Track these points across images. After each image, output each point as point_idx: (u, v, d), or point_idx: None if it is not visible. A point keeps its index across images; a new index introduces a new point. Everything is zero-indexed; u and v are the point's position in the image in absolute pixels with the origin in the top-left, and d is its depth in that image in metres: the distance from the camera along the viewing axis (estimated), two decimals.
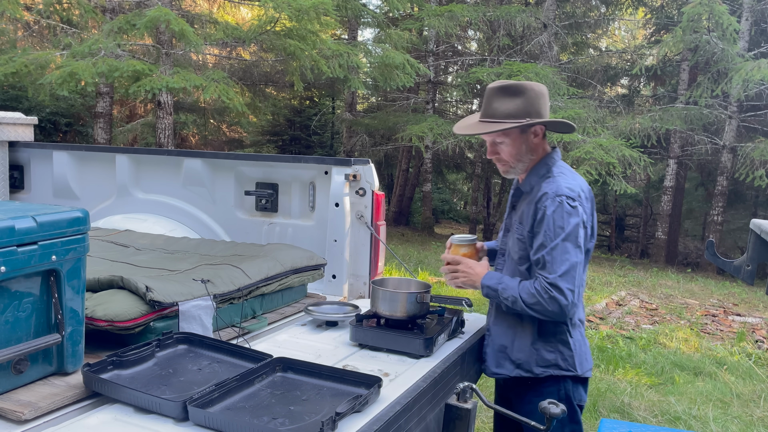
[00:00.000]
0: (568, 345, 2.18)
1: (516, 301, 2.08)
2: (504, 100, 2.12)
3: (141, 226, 3.33)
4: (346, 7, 11.27)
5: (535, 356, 2.17)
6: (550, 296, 2.01)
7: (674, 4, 15.14)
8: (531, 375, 2.18)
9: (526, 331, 2.19)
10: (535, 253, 2.09)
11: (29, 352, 1.61)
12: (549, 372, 2.17)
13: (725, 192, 13.33)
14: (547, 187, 2.11)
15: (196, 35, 8.41)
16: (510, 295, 2.10)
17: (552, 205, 2.05)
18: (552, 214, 2.04)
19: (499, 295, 2.14)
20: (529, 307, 2.06)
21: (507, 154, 2.17)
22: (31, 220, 1.60)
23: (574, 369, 2.18)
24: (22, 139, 3.75)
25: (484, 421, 4.02)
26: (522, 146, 2.16)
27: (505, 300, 2.12)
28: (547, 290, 2.02)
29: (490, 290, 2.17)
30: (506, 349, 2.23)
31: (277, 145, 19.19)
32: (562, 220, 2.03)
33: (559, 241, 2.03)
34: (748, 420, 4.37)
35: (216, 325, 2.19)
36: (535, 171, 2.20)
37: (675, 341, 6.33)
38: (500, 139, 2.16)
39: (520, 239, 2.17)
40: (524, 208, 2.19)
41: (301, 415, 1.57)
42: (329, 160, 3.07)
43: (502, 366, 2.25)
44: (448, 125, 12.69)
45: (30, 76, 8.40)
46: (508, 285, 2.13)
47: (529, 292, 2.05)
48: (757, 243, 1.77)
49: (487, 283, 2.18)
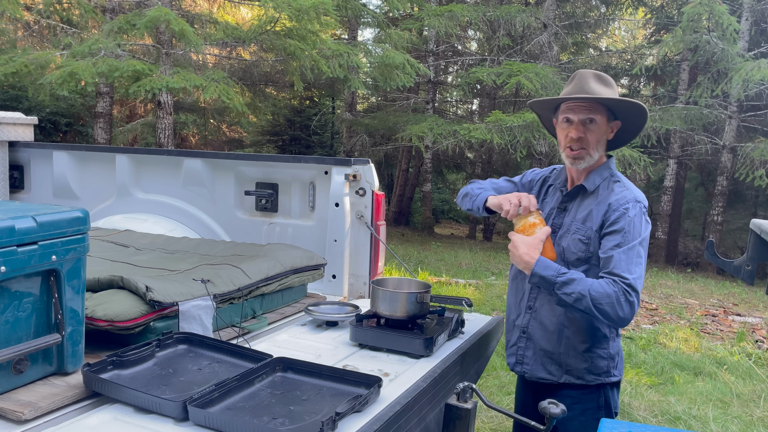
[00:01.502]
0: (618, 352, 2.16)
1: (582, 298, 1.93)
2: (601, 85, 2.12)
3: (141, 226, 3.33)
4: (346, 7, 11.27)
5: (589, 363, 2.12)
6: (627, 299, 1.92)
7: (674, 4, 15.14)
8: (582, 382, 2.13)
9: (580, 336, 2.11)
10: (607, 251, 2.00)
11: (29, 352, 1.61)
12: (600, 380, 2.14)
13: (725, 192, 13.33)
14: (623, 191, 2.09)
15: (196, 35, 8.41)
16: (576, 291, 1.94)
17: (634, 210, 2.04)
18: (633, 217, 2.02)
19: (555, 288, 1.98)
20: (596, 306, 1.92)
21: (593, 136, 2.10)
22: (31, 220, 1.60)
23: (619, 375, 2.18)
24: (22, 139, 3.75)
25: (484, 421, 4.02)
26: (603, 136, 2.13)
27: (564, 295, 1.97)
28: (625, 292, 1.92)
29: (543, 281, 2.01)
30: (553, 354, 2.16)
31: (277, 145, 19.20)
32: (641, 225, 2.03)
33: (636, 244, 1.99)
34: (748, 420, 4.37)
35: (216, 325, 2.19)
36: (598, 172, 2.16)
37: (675, 341, 6.33)
38: (596, 116, 2.09)
39: (583, 240, 2.09)
40: (591, 208, 2.11)
41: (301, 415, 1.57)
42: (329, 160, 3.07)
43: (549, 371, 2.18)
44: (448, 125, 12.69)
45: (30, 76, 8.40)
46: (571, 278, 1.97)
47: (603, 291, 1.92)
48: (757, 243, 1.77)
49: (541, 272, 2.01)
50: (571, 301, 1.96)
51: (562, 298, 1.98)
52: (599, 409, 2.16)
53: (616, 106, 2.13)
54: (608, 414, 2.16)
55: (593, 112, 2.09)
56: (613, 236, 2.02)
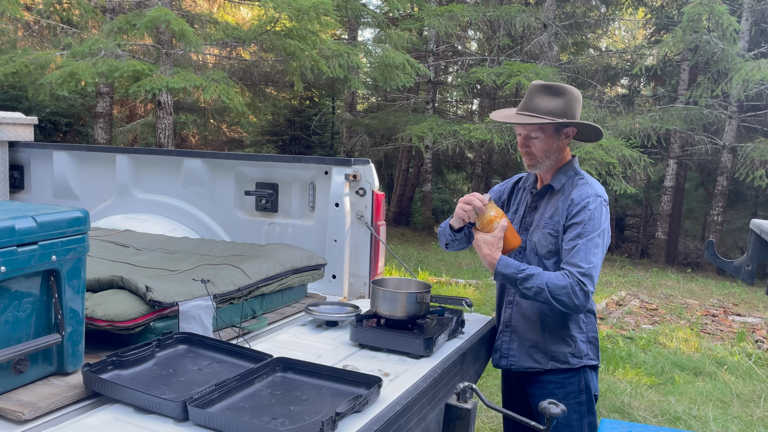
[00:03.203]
0: (595, 335, 2.31)
1: (541, 291, 2.10)
2: (546, 97, 2.22)
3: (141, 226, 3.33)
4: (346, 7, 11.27)
5: (572, 347, 2.26)
6: (582, 288, 2.07)
7: (674, 4, 15.14)
8: (567, 366, 2.26)
9: (560, 322, 2.26)
10: (569, 242, 2.16)
11: (29, 352, 1.61)
12: (582, 362, 2.27)
13: (725, 192, 13.33)
14: (585, 187, 2.23)
15: (196, 35, 8.41)
16: (535, 285, 2.11)
17: (594, 203, 2.18)
18: (594, 210, 2.17)
19: (518, 284, 2.15)
20: (554, 298, 2.08)
21: (538, 149, 2.25)
22: (31, 220, 1.60)
23: (597, 359, 2.32)
24: (22, 139, 3.75)
25: (484, 421, 4.03)
26: (553, 144, 2.25)
27: (525, 289, 2.13)
28: (579, 282, 2.08)
29: (506, 278, 2.17)
30: (538, 343, 2.29)
31: (277, 145, 19.19)
32: (601, 218, 2.18)
33: (595, 236, 2.15)
34: (748, 420, 4.37)
35: (216, 325, 2.19)
36: (563, 171, 2.31)
37: (675, 341, 6.33)
38: (536, 134, 2.24)
39: (552, 234, 2.23)
40: (557, 204, 2.25)
41: (301, 415, 1.57)
42: (329, 160, 3.07)
43: (535, 360, 2.30)
44: (448, 125, 12.69)
45: (30, 76, 8.40)
46: (530, 274, 2.13)
47: (559, 284, 2.08)
48: (757, 243, 1.77)
49: (503, 270, 2.17)
50: (531, 295, 2.13)
51: (524, 292, 2.15)
52: (581, 392, 2.29)
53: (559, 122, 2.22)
54: (589, 397, 2.29)
55: (532, 130, 2.24)
56: (574, 228, 2.17)
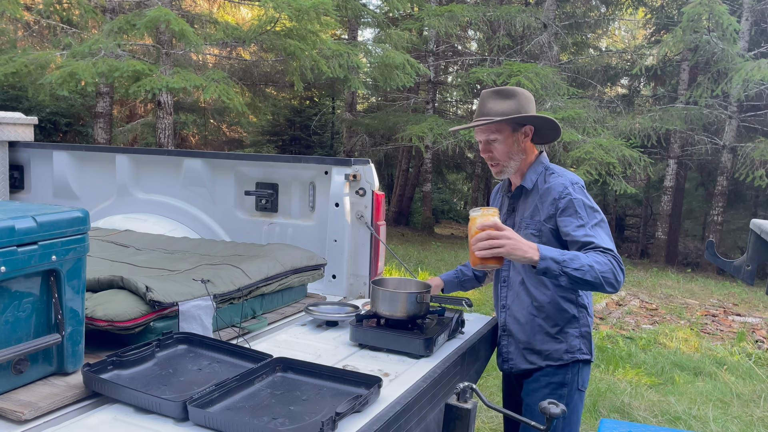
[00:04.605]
0: (588, 330, 2.30)
1: (589, 270, 1.96)
2: (497, 101, 2.25)
3: (141, 226, 3.33)
4: (346, 7, 11.27)
5: (565, 344, 2.26)
6: (620, 266, 2.03)
7: (674, 4, 15.15)
8: (561, 362, 2.26)
9: (550, 321, 2.26)
10: (575, 233, 2.10)
11: (29, 352, 1.61)
12: (575, 357, 2.26)
13: (725, 192, 13.34)
14: (558, 179, 2.22)
15: (196, 35, 8.41)
16: (584, 264, 1.96)
17: (574, 190, 2.17)
18: (578, 196, 2.16)
19: (564, 266, 1.96)
20: (602, 276, 1.97)
21: (499, 152, 2.26)
22: (31, 220, 1.59)
23: (589, 353, 2.30)
24: (22, 139, 3.75)
25: (484, 421, 4.03)
26: (513, 145, 2.26)
27: (574, 271, 1.96)
28: (615, 259, 2.03)
29: (554, 262, 1.96)
30: (530, 344, 2.30)
31: (277, 145, 19.19)
32: (590, 201, 2.17)
33: (598, 220, 2.13)
34: (748, 420, 4.37)
35: (216, 325, 2.19)
36: (533, 169, 2.30)
37: (675, 341, 6.33)
38: (494, 137, 2.25)
39: (535, 233, 2.22)
40: (535, 203, 2.25)
41: (301, 415, 1.57)
42: (329, 160, 3.07)
43: (530, 361, 2.31)
44: (448, 125, 12.69)
45: (30, 76, 8.40)
46: (574, 255, 1.99)
47: (602, 260, 1.99)
48: (757, 243, 1.76)
49: (548, 254, 1.97)
50: (581, 275, 1.96)
51: (574, 275, 1.96)
52: (563, 385, 2.28)
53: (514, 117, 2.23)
54: (570, 390, 2.28)
55: (490, 133, 2.25)
56: (571, 219, 2.14)
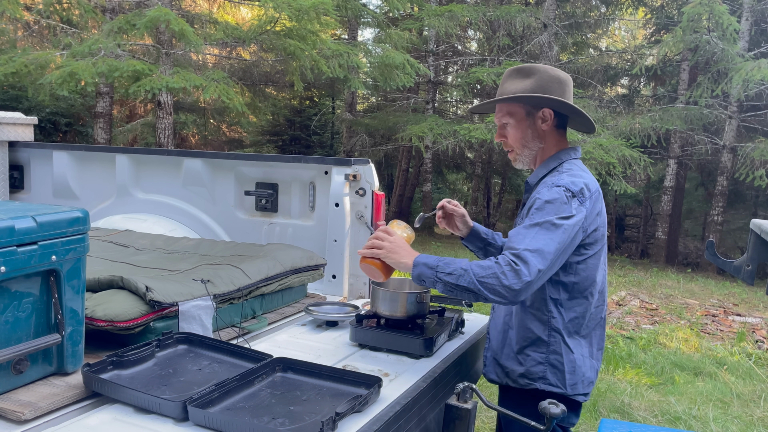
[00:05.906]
0: (560, 359, 1.95)
1: (463, 274, 1.79)
2: (515, 80, 2.04)
3: (141, 226, 3.33)
4: (346, 7, 11.28)
5: (523, 368, 1.99)
6: (512, 268, 1.73)
7: (674, 4, 15.14)
8: (517, 386, 2.01)
9: (516, 336, 2.02)
10: (511, 231, 1.91)
11: (29, 352, 1.61)
12: (534, 386, 1.97)
13: (725, 192, 13.33)
14: (552, 178, 1.97)
15: (196, 35, 8.41)
16: (458, 268, 1.81)
17: (548, 193, 1.88)
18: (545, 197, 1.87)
19: (437, 271, 1.84)
20: (479, 280, 1.75)
21: (512, 137, 2.05)
22: (31, 220, 1.59)
23: (563, 387, 1.96)
24: (22, 139, 3.75)
25: (484, 421, 4.03)
26: (527, 130, 2.04)
27: (447, 276, 1.82)
28: (510, 262, 1.74)
29: (426, 267, 1.86)
30: (497, 355, 2.09)
31: (277, 145, 19.19)
32: (553, 208, 1.84)
33: (543, 221, 1.82)
34: (748, 420, 4.37)
35: (216, 325, 2.19)
36: (545, 164, 2.06)
37: (675, 341, 6.33)
38: (505, 120, 2.05)
39: None
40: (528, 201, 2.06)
41: (301, 415, 1.57)
42: (329, 160, 3.07)
43: (496, 373, 2.10)
44: (448, 125, 12.70)
45: (30, 76, 8.41)
46: (456, 261, 1.85)
47: (485, 265, 1.77)
48: (757, 243, 1.76)
49: (423, 260, 1.88)
50: (454, 280, 1.80)
51: (446, 280, 1.82)
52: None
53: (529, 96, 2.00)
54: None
55: (502, 116, 2.06)
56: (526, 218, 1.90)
